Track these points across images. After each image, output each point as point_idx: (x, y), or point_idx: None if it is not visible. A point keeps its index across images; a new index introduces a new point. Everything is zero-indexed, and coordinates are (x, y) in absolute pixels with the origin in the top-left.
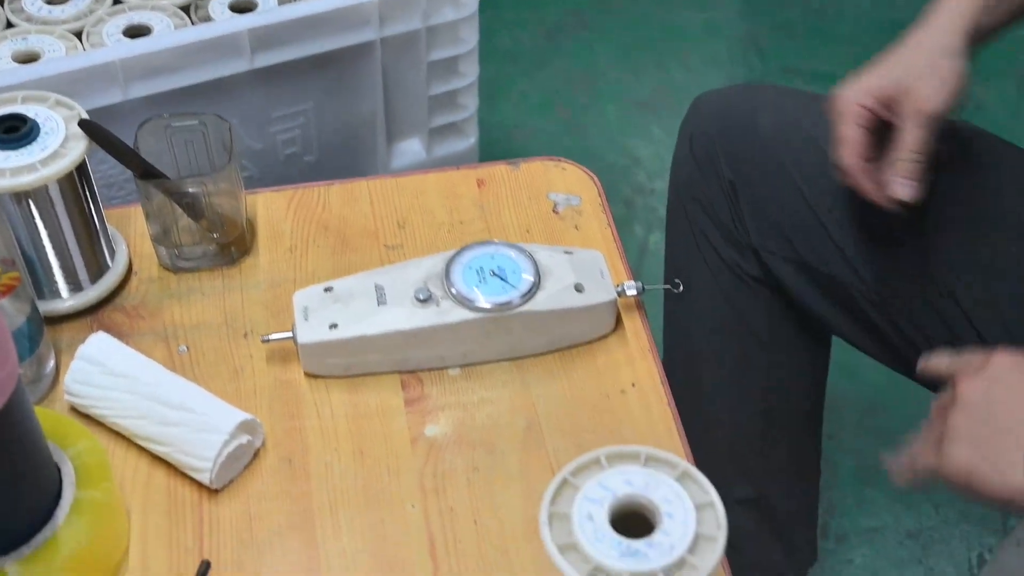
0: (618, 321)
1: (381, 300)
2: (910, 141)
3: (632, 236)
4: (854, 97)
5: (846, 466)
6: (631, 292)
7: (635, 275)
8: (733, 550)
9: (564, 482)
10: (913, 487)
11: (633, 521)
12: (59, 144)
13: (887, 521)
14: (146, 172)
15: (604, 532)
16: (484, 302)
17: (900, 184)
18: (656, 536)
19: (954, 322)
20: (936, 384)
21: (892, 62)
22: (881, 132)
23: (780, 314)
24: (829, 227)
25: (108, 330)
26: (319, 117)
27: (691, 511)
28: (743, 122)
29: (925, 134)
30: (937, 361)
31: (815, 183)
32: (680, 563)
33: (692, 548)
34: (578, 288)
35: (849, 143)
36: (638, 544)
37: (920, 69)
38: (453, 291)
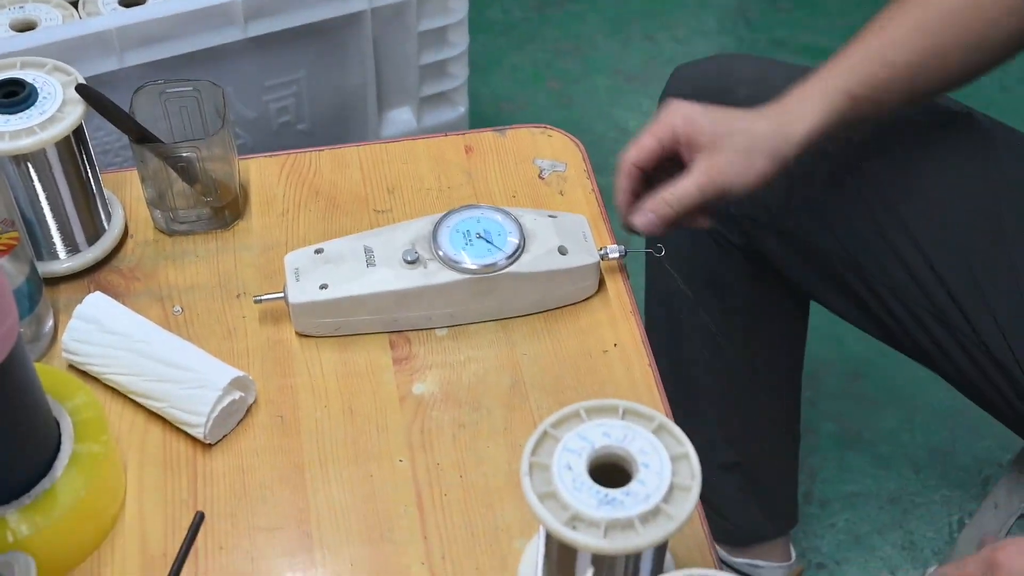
0: (601, 284)
1: (370, 262)
2: (681, 192)
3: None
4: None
5: (828, 432)
6: (614, 255)
7: (620, 241)
8: (716, 514)
9: (545, 434)
10: None
11: (611, 471)
12: (56, 108)
13: (869, 486)
14: (142, 136)
15: (583, 481)
16: (470, 264)
17: (643, 214)
18: (633, 486)
19: (933, 289)
20: (918, 354)
21: (728, 129)
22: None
23: (759, 281)
24: (807, 194)
25: (104, 291)
26: (311, 86)
27: (667, 462)
28: (721, 93)
29: (696, 196)
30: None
31: None
32: (655, 511)
33: (667, 497)
34: (562, 251)
35: (620, 191)
36: (615, 493)
37: (739, 152)
38: (440, 253)
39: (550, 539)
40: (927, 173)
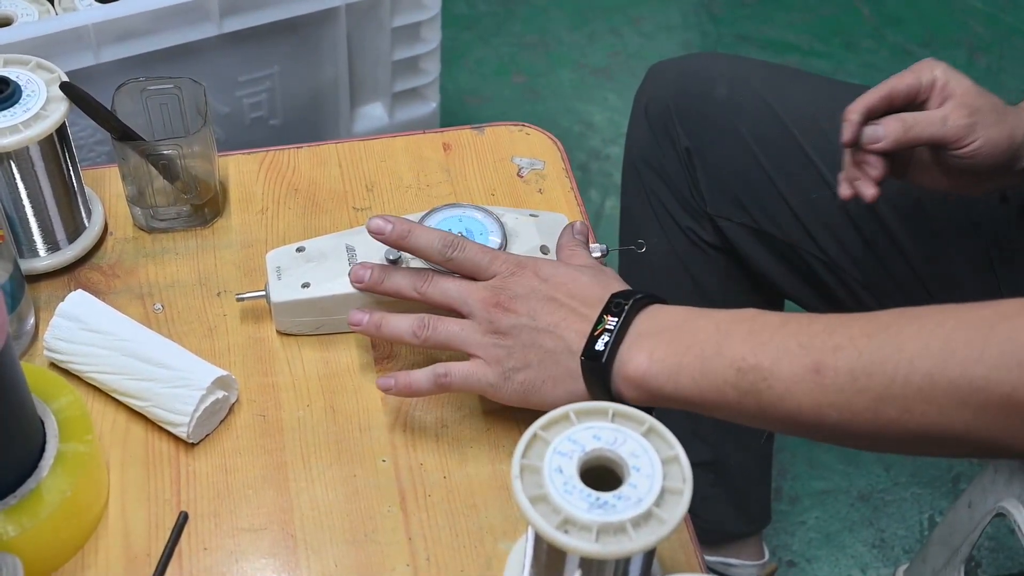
0: None
1: (352, 260)
2: (924, 118)
3: (588, 201)
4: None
5: None
6: (595, 254)
7: (601, 240)
8: (690, 512)
9: (535, 436)
10: None
11: (601, 475)
12: (40, 106)
13: (839, 484)
14: (124, 134)
15: (573, 484)
16: None
17: (873, 125)
18: (624, 489)
19: (911, 289)
20: None
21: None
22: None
23: (735, 279)
24: (785, 194)
25: (85, 288)
26: (284, 82)
27: (657, 465)
28: (699, 90)
29: (938, 128)
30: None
31: (771, 150)
32: (647, 515)
33: (659, 501)
34: (543, 250)
35: (864, 98)
36: (606, 496)
37: (993, 113)
38: None
39: (539, 542)
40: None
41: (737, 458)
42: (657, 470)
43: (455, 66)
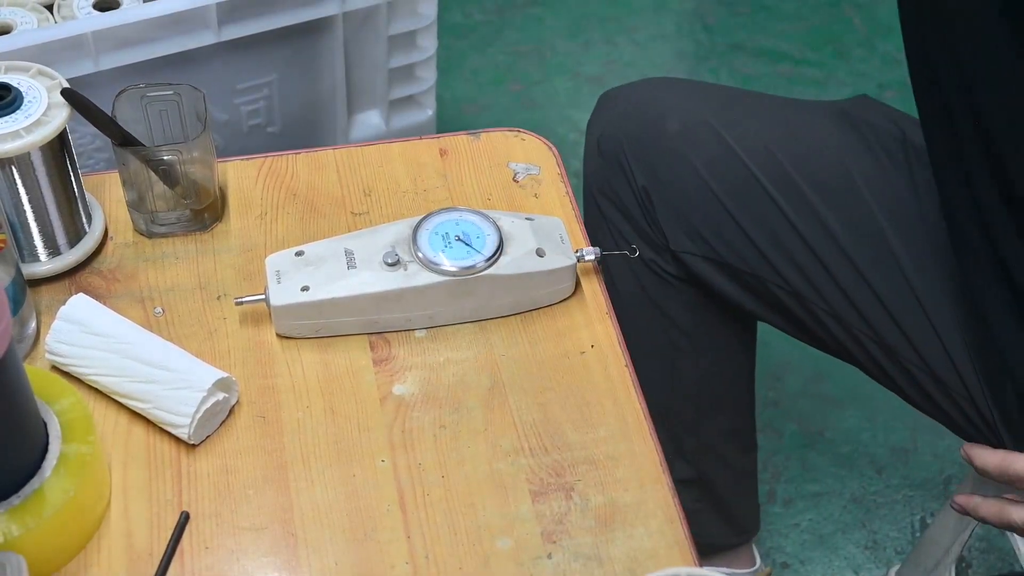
0: (577, 286)
1: (351, 264)
2: None
3: (582, 209)
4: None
5: (791, 432)
6: (589, 257)
7: (594, 243)
8: None
9: None
10: None
11: None
12: (42, 112)
13: (832, 486)
14: (124, 140)
15: None
16: (450, 266)
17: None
18: None
19: (870, 311)
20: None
21: None
22: None
23: (703, 307)
24: (744, 226)
25: (85, 293)
26: (282, 89)
27: None
28: (650, 125)
29: None
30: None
31: (727, 181)
32: None
33: None
34: (539, 253)
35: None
36: None
37: None
38: (420, 255)
39: None
40: (856, 191)
41: (720, 475)
42: None
43: (451, 75)
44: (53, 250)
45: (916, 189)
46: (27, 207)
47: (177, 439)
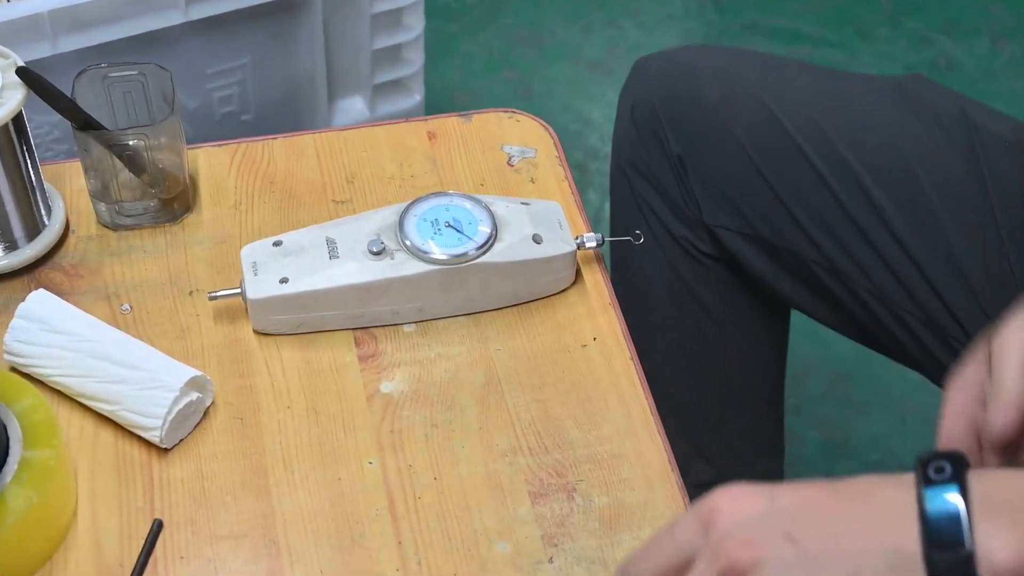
0: (578, 275)
1: (333, 253)
2: None
3: (587, 202)
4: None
5: (813, 439)
6: (591, 244)
7: (597, 229)
8: None
9: None
10: None
11: None
12: None
13: None
14: (86, 123)
15: None
16: (439, 254)
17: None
18: None
19: (919, 292)
20: (904, 358)
21: None
22: None
23: (735, 290)
24: (784, 199)
25: (46, 289)
26: (257, 73)
27: None
28: (688, 91)
29: None
30: None
31: (768, 154)
32: None
33: None
34: (536, 239)
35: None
36: None
37: None
38: (407, 243)
39: None
40: (911, 170)
41: (743, 477)
42: None
43: (442, 61)
44: (9, 244)
45: (976, 172)
46: None
47: (148, 443)
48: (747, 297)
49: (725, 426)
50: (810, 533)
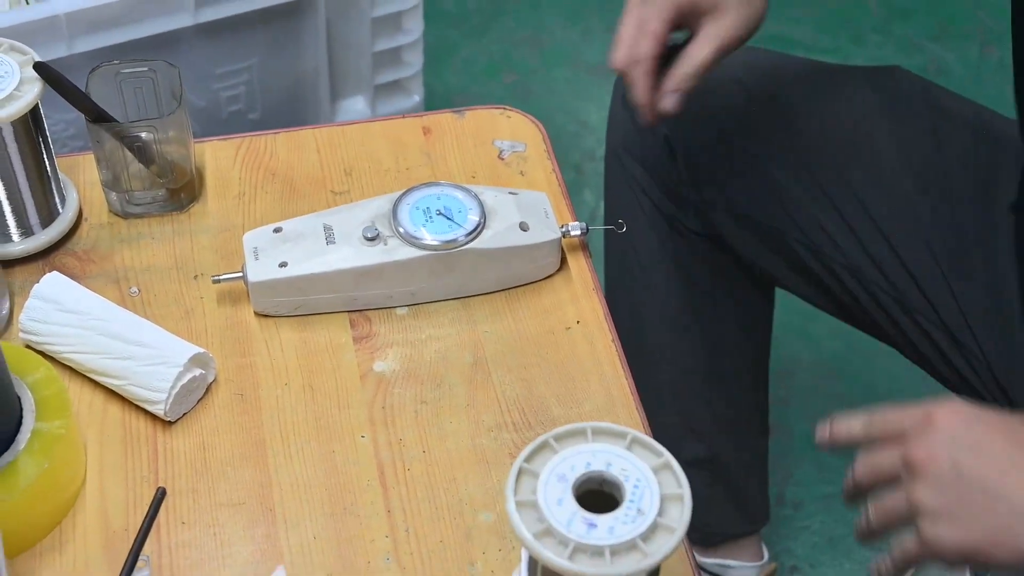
0: (563, 262)
1: (330, 239)
2: (699, 61)
3: (583, 203)
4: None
5: (802, 432)
6: (575, 232)
7: (581, 219)
8: None
9: (521, 470)
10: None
11: (594, 495)
12: (14, 87)
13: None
14: (98, 116)
15: (574, 513)
16: (430, 240)
17: (670, 97)
18: (624, 507)
19: (890, 268)
20: (879, 334)
21: None
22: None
23: (722, 267)
24: (766, 177)
25: (60, 272)
26: (263, 74)
27: (650, 475)
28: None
29: (713, 58)
30: (847, 425)
31: (751, 132)
32: (654, 527)
33: (661, 511)
34: (523, 227)
35: (641, 89)
36: (608, 519)
37: (740, 4)
38: (400, 230)
39: (547, 572)
40: (878, 145)
41: (733, 454)
42: (651, 480)
43: (442, 65)
44: (26, 230)
45: (942, 151)
46: None
47: (153, 417)
48: (733, 274)
49: (715, 403)
50: (974, 466)
